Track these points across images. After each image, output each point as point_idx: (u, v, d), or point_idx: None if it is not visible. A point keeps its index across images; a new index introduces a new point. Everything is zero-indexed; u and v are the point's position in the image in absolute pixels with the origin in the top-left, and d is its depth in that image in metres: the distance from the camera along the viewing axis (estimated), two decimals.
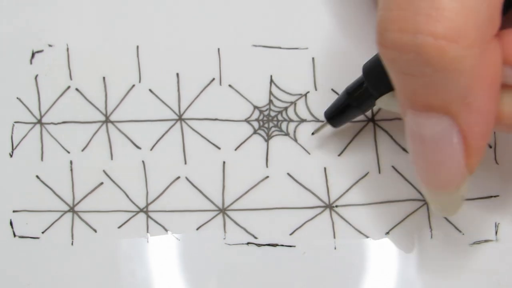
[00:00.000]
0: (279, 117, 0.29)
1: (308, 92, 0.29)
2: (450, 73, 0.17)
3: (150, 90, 0.29)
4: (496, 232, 0.28)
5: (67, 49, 0.30)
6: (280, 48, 0.29)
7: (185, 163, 0.29)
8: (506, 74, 0.19)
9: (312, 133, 0.28)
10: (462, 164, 0.20)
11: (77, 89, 0.29)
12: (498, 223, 0.28)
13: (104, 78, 0.29)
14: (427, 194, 0.22)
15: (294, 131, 0.29)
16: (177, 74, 0.29)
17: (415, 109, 0.19)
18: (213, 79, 0.29)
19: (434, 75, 0.18)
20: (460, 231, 0.28)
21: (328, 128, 0.28)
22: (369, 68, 0.23)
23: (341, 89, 0.27)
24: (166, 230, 0.28)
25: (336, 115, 0.26)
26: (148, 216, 0.28)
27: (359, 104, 0.25)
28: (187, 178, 0.29)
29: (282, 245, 0.28)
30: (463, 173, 0.20)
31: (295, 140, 0.29)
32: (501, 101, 0.20)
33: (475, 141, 0.19)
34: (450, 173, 0.20)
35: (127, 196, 0.29)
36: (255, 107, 0.29)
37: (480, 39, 0.17)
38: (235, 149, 0.29)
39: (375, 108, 0.27)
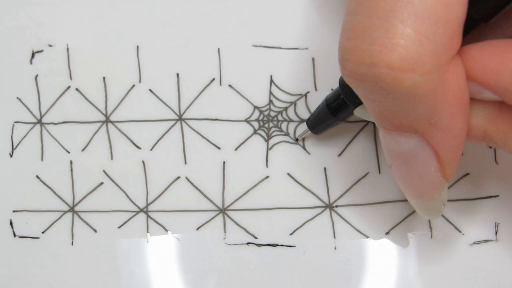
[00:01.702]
0: (279, 117, 0.29)
1: (308, 92, 0.29)
2: (410, 99, 0.18)
3: (150, 90, 0.29)
4: (496, 232, 0.28)
5: (67, 49, 0.30)
6: (280, 48, 0.29)
7: (185, 163, 0.29)
8: (470, 89, 0.19)
9: (296, 139, 0.29)
10: (438, 174, 0.20)
11: (77, 89, 0.29)
12: (498, 223, 0.28)
13: (104, 78, 0.29)
14: (410, 201, 0.22)
15: (294, 131, 0.29)
16: (177, 74, 0.29)
17: (385, 128, 0.20)
18: (213, 79, 0.29)
19: (395, 102, 0.18)
20: (460, 231, 0.28)
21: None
22: (345, 82, 0.23)
23: None
24: (166, 230, 0.28)
25: (317, 123, 0.27)
26: (148, 216, 0.28)
27: (337, 114, 0.25)
28: (187, 178, 0.29)
29: (282, 245, 0.28)
30: (440, 182, 0.21)
31: (295, 140, 0.29)
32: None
33: (446, 155, 0.20)
34: (428, 184, 0.21)
35: (127, 196, 0.29)
36: (255, 107, 0.29)
37: (438, 63, 0.17)
38: (235, 149, 0.29)
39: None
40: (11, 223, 0.28)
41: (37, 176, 0.29)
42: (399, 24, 0.17)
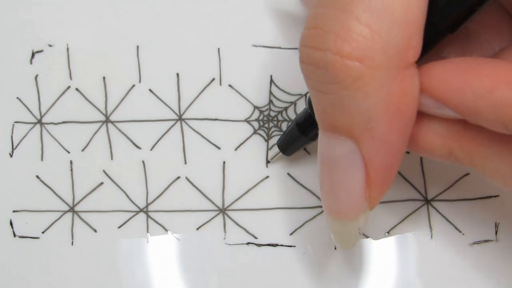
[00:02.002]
0: (279, 117, 0.29)
1: (308, 92, 0.29)
2: (353, 92, 0.18)
3: (150, 90, 0.29)
4: (496, 232, 0.28)
5: (67, 49, 0.30)
6: (280, 48, 0.29)
7: (185, 163, 0.29)
8: (423, 103, 0.19)
9: (268, 161, 0.29)
10: (362, 194, 0.20)
11: (77, 89, 0.29)
12: (498, 223, 0.28)
13: (104, 78, 0.29)
14: (327, 219, 0.22)
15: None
16: (177, 74, 0.29)
17: (324, 129, 0.20)
18: (213, 79, 0.29)
19: (340, 93, 0.18)
20: (460, 231, 0.28)
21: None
22: None
23: None
24: (166, 230, 0.28)
25: (288, 144, 0.27)
26: (148, 216, 0.28)
27: (306, 133, 0.26)
28: (187, 178, 0.29)
29: (282, 245, 0.28)
30: (362, 204, 0.20)
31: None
32: (423, 130, 0.20)
33: (375, 173, 0.19)
34: (348, 201, 0.20)
35: (127, 196, 0.29)
36: (255, 107, 0.29)
37: (388, 63, 0.18)
38: (235, 149, 0.29)
39: None
40: (11, 223, 0.28)
41: (37, 176, 0.29)
42: (354, 17, 0.17)
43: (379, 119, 0.18)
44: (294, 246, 0.28)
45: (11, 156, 0.29)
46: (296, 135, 0.26)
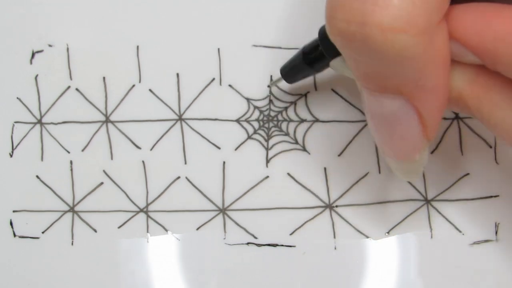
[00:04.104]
0: (279, 117, 0.29)
1: (308, 92, 0.29)
2: (399, 61, 0.17)
3: (150, 90, 0.29)
4: (496, 232, 0.28)
5: (67, 49, 0.30)
6: (280, 48, 0.29)
7: (185, 163, 0.29)
8: (452, 49, 0.18)
9: (268, 86, 0.28)
10: (421, 135, 0.20)
11: (77, 89, 0.29)
12: (498, 223, 0.28)
13: (104, 78, 0.29)
14: (389, 163, 0.22)
15: (294, 131, 0.29)
16: (177, 74, 0.29)
17: (369, 89, 0.19)
18: (213, 79, 0.29)
19: (383, 62, 0.17)
20: (460, 231, 0.28)
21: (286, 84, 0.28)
22: (325, 33, 0.22)
23: (341, 89, 0.28)
24: (166, 230, 0.28)
25: (291, 72, 0.26)
26: (148, 216, 0.28)
27: (312, 64, 0.25)
28: (187, 178, 0.29)
29: (282, 245, 0.28)
30: (422, 143, 0.20)
31: (295, 140, 0.29)
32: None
33: (430, 116, 0.19)
34: (410, 145, 0.20)
35: (127, 196, 0.29)
36: (255, 107, 0.29)
37: (429, 25, 0.17)
38: (235, 149, 0.29)
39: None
40: (11, 223, 0.28)
41: (37, 176, 0.29)
42: None
43: (429, 75, 0.18)
44: (294, 246, 0.28)
45: (11, 156, 0.29)
46: (301, 65, 0.25)
